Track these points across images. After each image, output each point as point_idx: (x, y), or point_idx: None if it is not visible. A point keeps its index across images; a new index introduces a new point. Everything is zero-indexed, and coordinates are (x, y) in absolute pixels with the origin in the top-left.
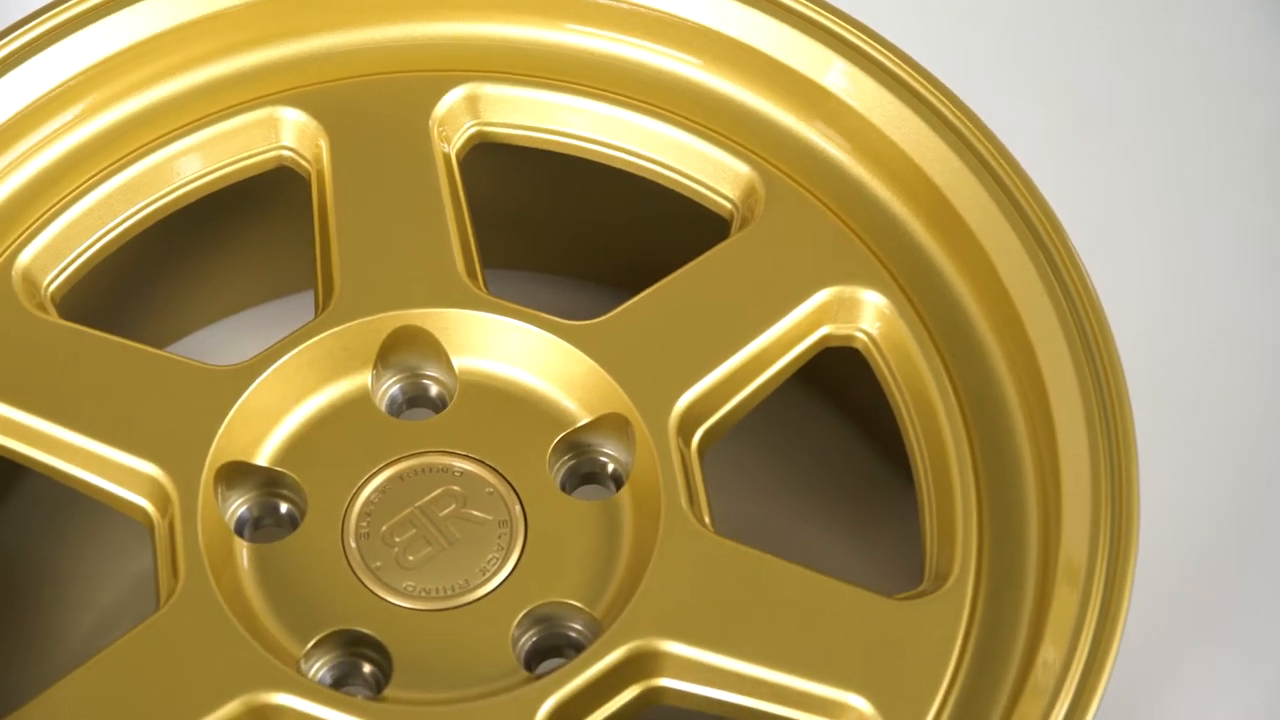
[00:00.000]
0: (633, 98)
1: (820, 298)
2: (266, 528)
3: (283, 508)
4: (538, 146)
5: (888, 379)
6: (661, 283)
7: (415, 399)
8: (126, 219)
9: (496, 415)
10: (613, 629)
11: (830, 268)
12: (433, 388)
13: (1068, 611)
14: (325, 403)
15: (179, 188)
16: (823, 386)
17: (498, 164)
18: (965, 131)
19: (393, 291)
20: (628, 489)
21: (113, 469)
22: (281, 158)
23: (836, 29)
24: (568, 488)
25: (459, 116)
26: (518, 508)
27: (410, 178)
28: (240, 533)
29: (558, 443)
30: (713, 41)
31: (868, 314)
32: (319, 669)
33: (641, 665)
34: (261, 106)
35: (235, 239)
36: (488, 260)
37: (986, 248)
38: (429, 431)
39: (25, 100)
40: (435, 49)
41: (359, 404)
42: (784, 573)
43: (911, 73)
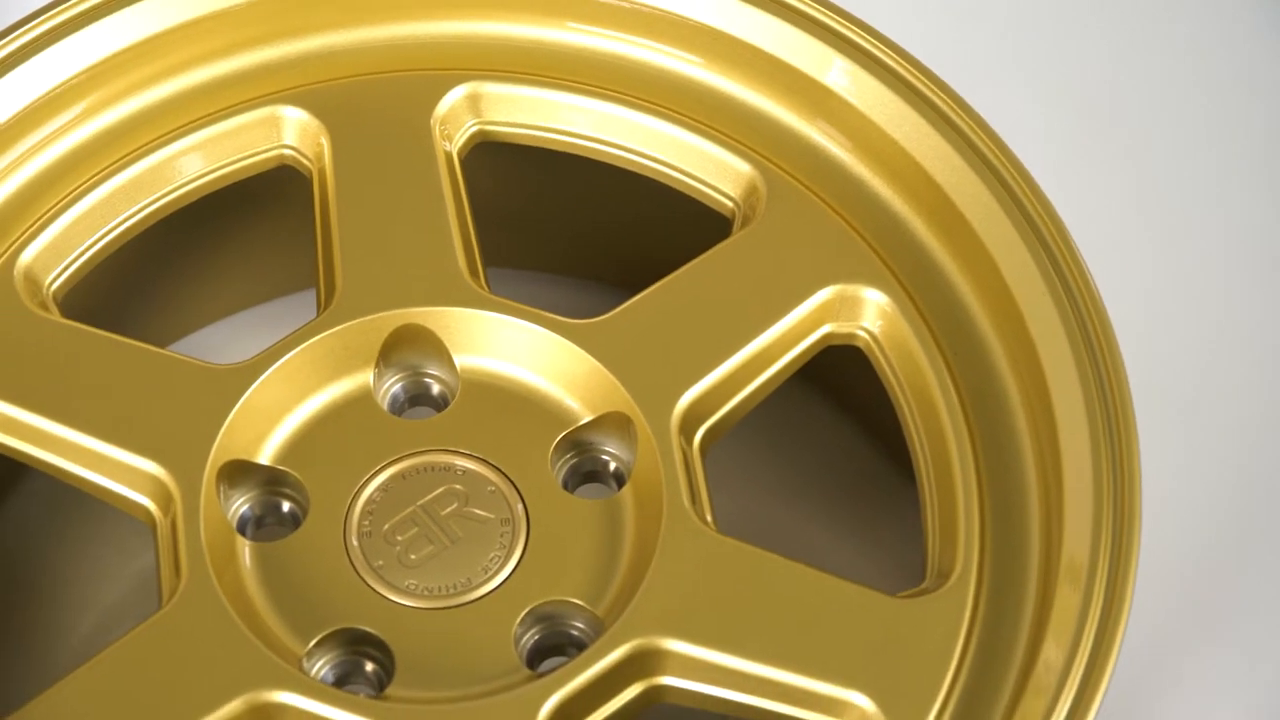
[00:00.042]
0: (634, 96)
1: (822, 296)
2: (269, 526)
3: (285, 506)
4: (539, 145)
5: (889, 377)
6: (663, 281)
7: (417, 398)
8: (128, 218)
9: (498, 414)
10: (615, 627)
11: (832, 266)
12: (435, 386)
13: (1069, 610)
14: (327, 401)
15: (180, 187)
16: (824, 385)
17: (499, 163)
18: (967, 130)
19: (394, 290)
20: (630, 487)
21: (115, 468)
22: (283, 157)
23: (838, 27)
24: (570, 486)
25: (460, 115)
26: (520, 506)
27: (412, 176)
28: (242, 531)
29: (560, 441)
30: (714, 40)
31: (869, 312)
32: (321, 667)
33: (643, 664)
34: (263, 105)
35: (237, 238)
36: (489, 259)
37: (988, 246)
38: (431, 430)
39: (27, 99)
40: (437, 48)
41: (361, 403)
42: (786, 571)
43: (913, 71)
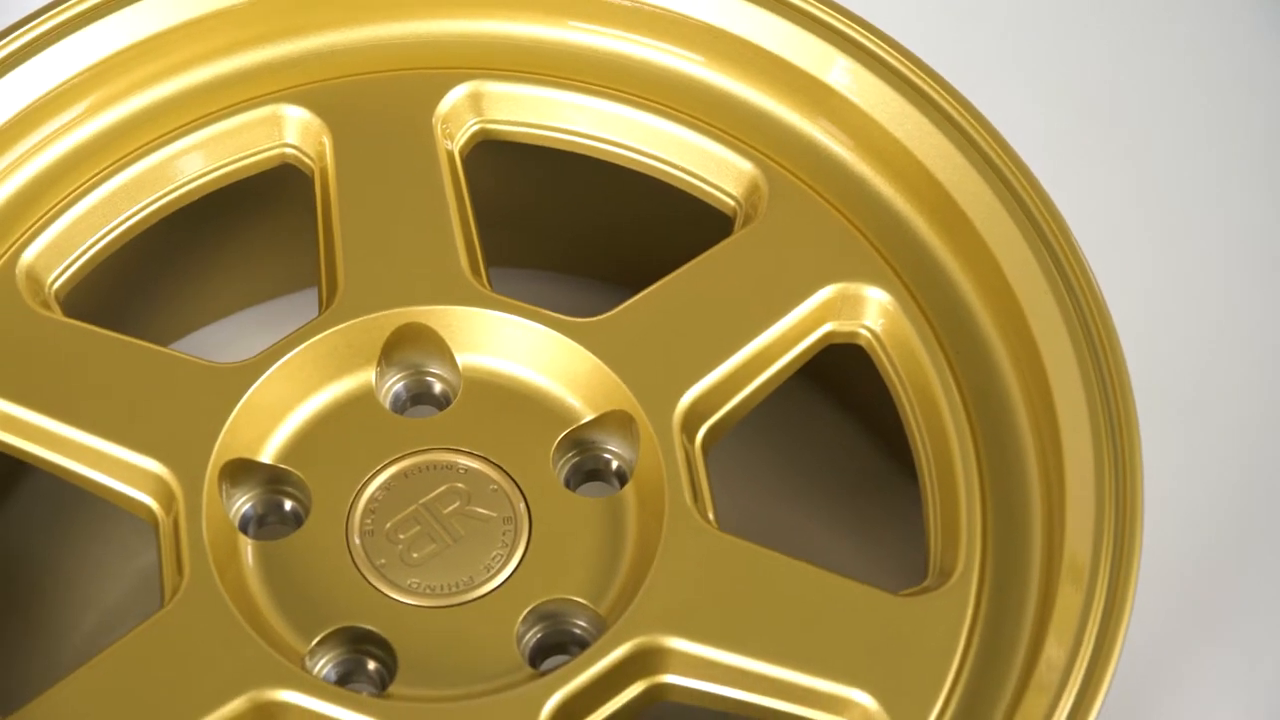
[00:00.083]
0: (636, 95)
1: (824, 294)
2: (271, 525)
3: (287, 505)
4: (541, 144)
5: (891, 376)
6: (665, 280)
7: (419, 396)
8: (130, 217)
9: (500, 412)
10: (617, 625)
11: (834, 264)
12: (437, 385)
13: (1072, 609)
14: (329, 400)
15: (182, 185)
16: (826, 383)
17: (501, 161)
18: (969, 128)
19: (396, 289)
20: (632, 486)
21: (117, 466)
22: (285, 155)
23: (840, 26)
24: (572, 485)
25: (462, 114)
26: (522, 505)
27: (414, 175)
28: (245, 530)
29: (562, 440)
30: (716, 39)
31: (871, 311)
32: (324, 666)
33: (646, 662)
34: (265, 104)
35: (238, 237)
36: (491, 258)
37: (990, 244)
38: (433, 429)
39: (28, 98)
40: (438, 46)
41: (363, 401)
42: (788, 569)
43: (915, 70)
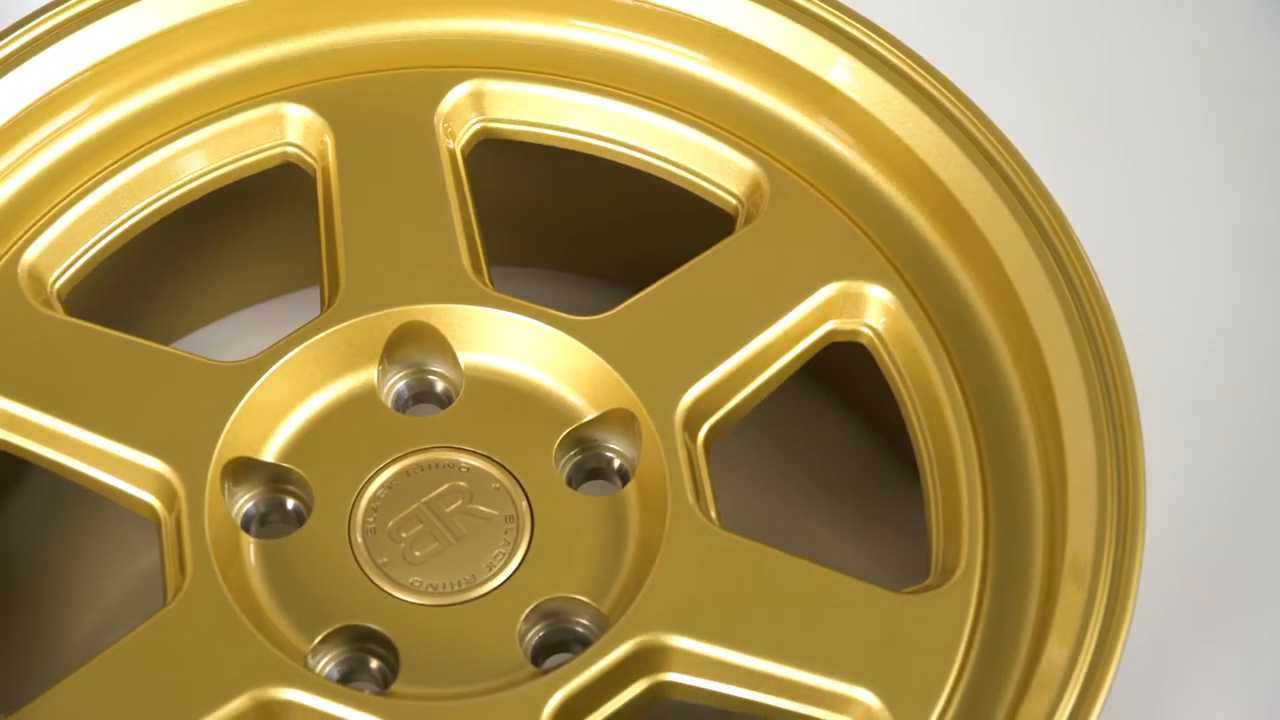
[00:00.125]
0: (637, 94)
1: (825, 293)
2: (273, 523)
3: (289, 503)
4: (542, 143)
5: (893, 374)
6: (667, 278)
7: (421, 395)
8: (132, 216)
9: (502, 411)
10: (619, 624)
11: (835, 263)
12: (438, 383)
13: (1073, 608)
14: (331, 399)
15: (184, 184)
16: (828, 382)
17: (503, 160)
18: (970, 126)
19: (398, 287)
20: (634, 484)
21: (119, 465)
22: (286, 154)
23: (841, 24)
24: (574, 483)
25: (464, 113)
26: (524, 503)
27: (415, 174)
28: (247, 528)
29: (564, 438)
30: (718, 37)
31: (873, 309)
32: (326, 664)
33: (648, 660)
34: (266, 103)
35: (240, 235)
36: (493, 256)
37: (991, 242)
38: (435, 427)
39: (30, 97)
40: (440, 45)
41: (365, 400)
42: (790, 567)
43: (916, 68)
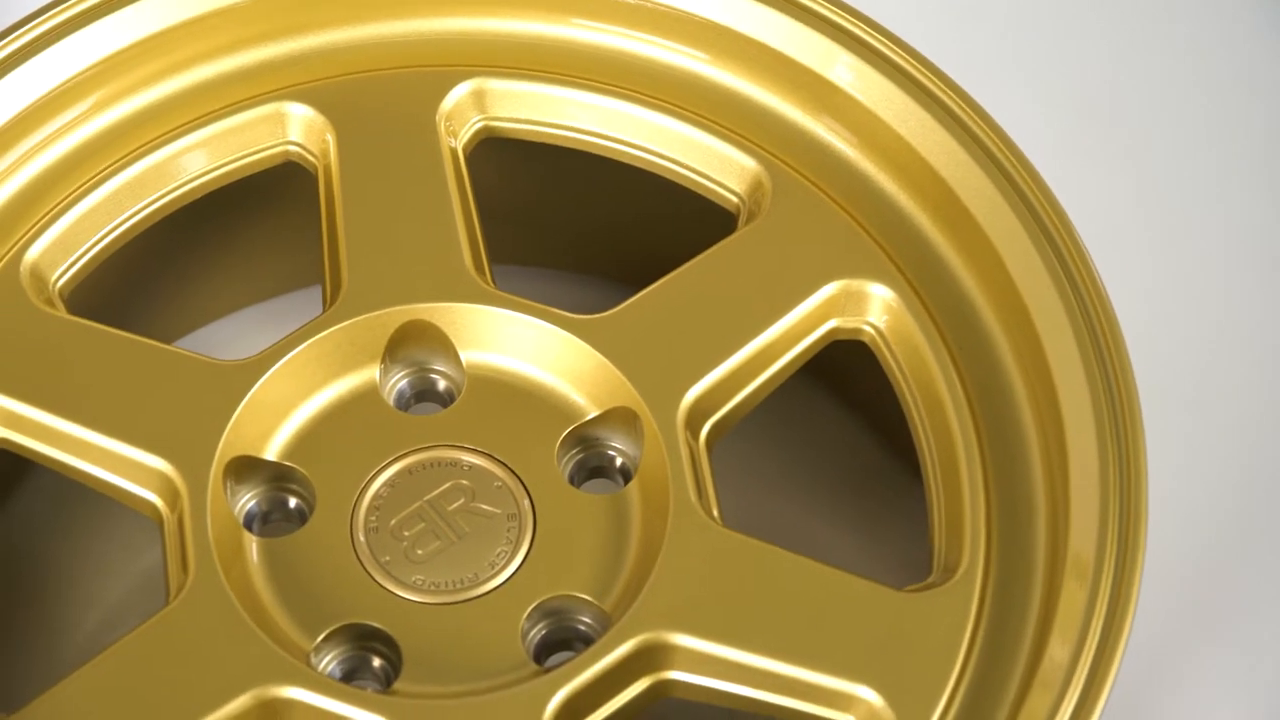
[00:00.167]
0: (639, 92)
1: (827, 291)
2: (275, 522)
3: (291, 502)
4: (544, 141)
5: (895, 372)
6: (669, 277)
7: (423, 393)
8: (134, 214)
9: (504, 409)
10: (622, 622)
11: (837, 261)
12: (441, 382)
13: (1075, 606)
14: (333, 397)
15: (186, 183)
16: (830, 380)
17: (504, 159)
18: (972, 125)
19: (400, 286)
20: (636, 483)
21: (122, 464)
22: (288, 153)
23: (843, 23)
24: (576, 481)
25: (466, 111)
26: (526, 502)
27: (417, 173)
28: (249, 527)
29: (566, 437)
30: (719, 36)
31: (875, 307)
32: (329, 663)
33: (651, 658)
34: (268, 102)
35: (242, 234)
36: (494, 255)
37: (993, 241)
38: (437, 426)
39: (32, 96)
40: (442, 44)
41: (367, 398)
42: (793, 565)
43: (918, 67)
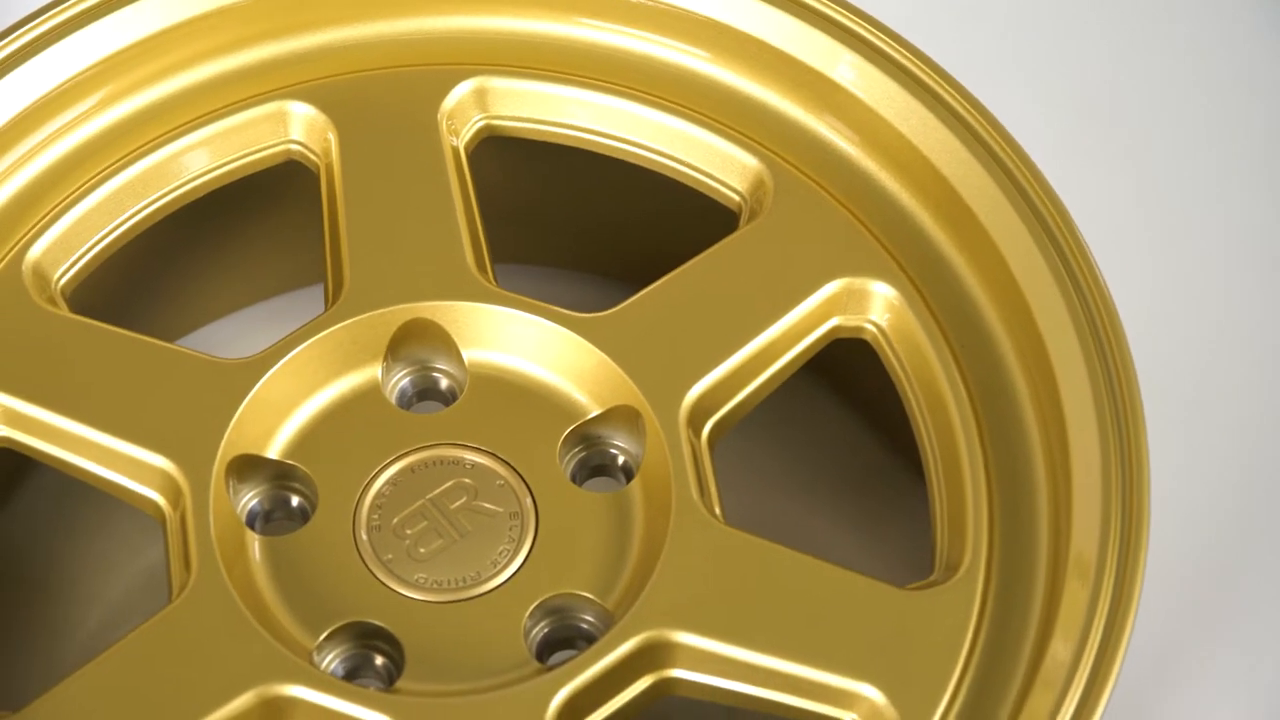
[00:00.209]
0: (641, 91)
1: (829, 290)
2: (278, 520)
3: (294, 500)
4: (546, 140)
5: (897, 371)
6: (671, 275)
7: (425, 392)
8: (136, 213)
9: (507, 408)
10: (624, 620)
11: (839, 260)
12: (443, 380)
13: (1078, 605)
14: (336, 396)
15: (188, 182)
16: (832, 379)
17: (506, 157)
18: (974, 124)
19: (402, 285)
20: (638, 481)
21: (124, 462)
22: (290, 152)
23: (845, 22)
24: (578, 480)
25: (467, 110)
26: (528, 500)
27: (419, 171)
28: (252, 525)
29: (568, 435)
30: (721, 35)
31: (877, 306)
32: (331, 661)
33: (653, 656)
34: (270, 101)
35: (244, 233)
36: (496, 254)
37: (995, 239)
38: (439, 424)
39: (34, 96)
40: (443, 43)
41: (369, 397)
42: (795, 563)
43: (920, 65)
